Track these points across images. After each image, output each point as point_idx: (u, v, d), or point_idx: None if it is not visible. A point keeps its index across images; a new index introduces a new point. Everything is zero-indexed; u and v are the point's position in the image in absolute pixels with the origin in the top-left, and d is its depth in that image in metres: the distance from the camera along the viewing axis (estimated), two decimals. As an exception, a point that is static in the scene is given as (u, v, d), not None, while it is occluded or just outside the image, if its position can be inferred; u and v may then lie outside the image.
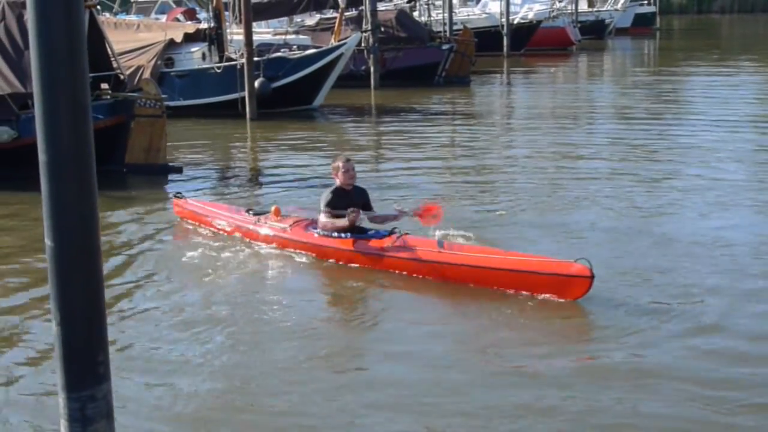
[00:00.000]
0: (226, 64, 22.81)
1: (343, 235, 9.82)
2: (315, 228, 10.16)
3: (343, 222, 9.75)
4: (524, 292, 8.67)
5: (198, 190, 14.87)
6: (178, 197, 12.27)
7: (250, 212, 11.14)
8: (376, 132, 22.20)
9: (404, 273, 9.41)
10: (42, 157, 2.75)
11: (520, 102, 29.54)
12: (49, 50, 2.72)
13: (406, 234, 9.63)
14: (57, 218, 2.75)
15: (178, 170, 16.03)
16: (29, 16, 2.75)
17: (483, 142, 19.79)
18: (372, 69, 28.64)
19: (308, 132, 21.57)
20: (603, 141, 19.46)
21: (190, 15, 37.22)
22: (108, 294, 9.01)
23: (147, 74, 21.32)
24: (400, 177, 15.46)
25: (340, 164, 9.95)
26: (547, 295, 8.56)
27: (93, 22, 15.74)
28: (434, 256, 9.24)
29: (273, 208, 10.80)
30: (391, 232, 9.69)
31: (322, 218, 9.92)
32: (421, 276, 9.30)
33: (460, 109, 26.76)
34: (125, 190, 15.11)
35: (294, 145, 19.59)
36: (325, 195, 9.93)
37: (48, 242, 2.79)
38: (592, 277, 8.30)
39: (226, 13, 25.92)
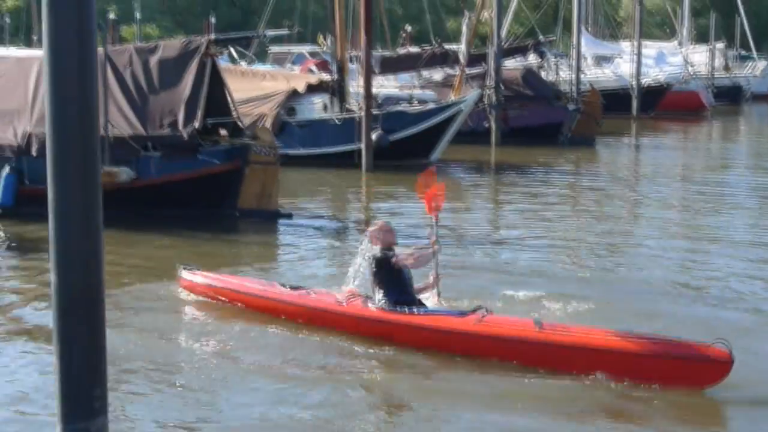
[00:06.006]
0: (346, 115, 23.21)
1: (415, 310, 8.74)
2: (373, 303, 9.04)
3: (428, 251, 9.15)
4: (643, 381, 7.64)
5: (304, 238, 15.11)
6: (187, 269, 10.81)
7: (286, 286, 9.97)
8: (495, 189, 22.13)
9: (494, 359, 8.20)
10: (50, 196, 2.88)
11: (647, 165, 28.57)
12: (61, 97, 2.85)
13: (491, 313, 8.59)
14: (62, 255, 2.87)
15: (288, 216, 16.32)
16: (44, 63, 2.90)
17: (606, 206, 19.13)
18: (493, 126, 28.63)
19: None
20: (738, 211, 18.21)
21: (323, 66, 38.03)
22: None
23: (269, 122, 21.94)
24: (519, 236, 15.21)
25: (380, 229, 9.26)
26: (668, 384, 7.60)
27: (215, 70, 16.31)
28: (535, 336, 8.03)
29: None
30: (474, 310, 8.62)
31: (406, 256, 9.00)
32: (515, 362, 8.10)
33: (584, 169, 26.33)
34: (236, 234, 15.52)
35: (408, 197, 19.60)
36: (378, 257, 9.00)
37: (52, 277, 2.91)
38: (732, 362, 7.34)
39: (353, 65, 26.42)
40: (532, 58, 38.04)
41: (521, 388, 7.82)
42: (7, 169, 15.11)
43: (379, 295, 8.97)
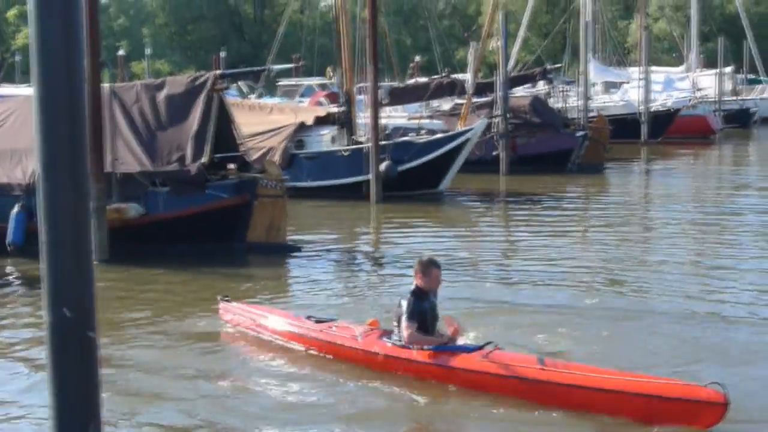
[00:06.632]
0: (354, 147, 23.32)
1: (425, 347, 8.74)
2: (389, 338, 9.08)
3: (438, 340, 8.82)
4: (644, 421, 7.55)
5: (314, 270, 15.13)
6: (225, 301, 11.12)
7: (311, 319, 10.09)
8: (505, 217, 22.15)
9: (497, 394, 8.24)
10: (43, 235, 2.92)
11: (657, 190, 28.60)
12: (52, 133, 2.89)
13: (498, 348, 8.50)
14: (54, 293, 2.91)
15: (297, 249, 16.34)
16: (33, 100, 2.94)
17: (616, 232, 18.80)
18: (502, 154, 28.68)
19: (432, 216, 21.68)
20: (750, 234, 17.89)
21: (333, 98, 38.25)
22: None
23: (277, 156, 22.05)
24: (530, 264, 15.18)
25: (430, 269, 8.90)
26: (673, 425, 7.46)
27: (222, 105, 16.43)
28: (536, 374, 8.10)
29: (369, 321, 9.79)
30: (482, 346, 8.57)
31: (410, 334, 8.72)
32: (518, 398, 8.10)
33: (593, 196, 26.30)
34: (246, 267, 15.57)
35: (417, 228, 19.68)
36: (409, 301, 8.73)
37: (45, 315, 2.94)
38: (727, 404, 7.22)
39: (360, 97, 26.54)
40: (541, 86, 38.23)
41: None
42: (17, 208, 15.18)
43: (397, 335, 8.99)
